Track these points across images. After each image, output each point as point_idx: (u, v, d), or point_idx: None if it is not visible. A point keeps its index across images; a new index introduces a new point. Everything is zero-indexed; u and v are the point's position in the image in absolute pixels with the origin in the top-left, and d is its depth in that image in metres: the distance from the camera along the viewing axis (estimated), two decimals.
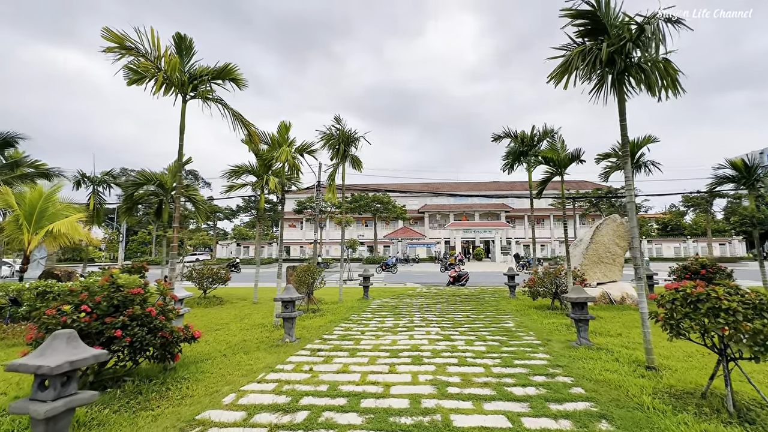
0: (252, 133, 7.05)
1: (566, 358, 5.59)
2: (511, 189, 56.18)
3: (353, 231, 52.48)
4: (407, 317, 9.24)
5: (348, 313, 9.95)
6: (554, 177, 8.68)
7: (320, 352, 6.07)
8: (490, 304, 11.42)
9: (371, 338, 7.05)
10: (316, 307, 10.56)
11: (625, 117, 5.56)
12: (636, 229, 5.43)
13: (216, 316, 9.84)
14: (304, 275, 10.33)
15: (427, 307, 10.79)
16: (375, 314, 9.74)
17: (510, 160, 13.06)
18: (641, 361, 5.37)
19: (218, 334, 7.73)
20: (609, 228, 11.75)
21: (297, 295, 6.98)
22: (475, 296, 13.32)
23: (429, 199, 55.68)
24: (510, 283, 12.72)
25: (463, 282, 17.77)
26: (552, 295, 10.24)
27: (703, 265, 11.53)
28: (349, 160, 13.29)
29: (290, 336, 6.84)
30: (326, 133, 12.51)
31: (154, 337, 4.45)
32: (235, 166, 12.12)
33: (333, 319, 9.11)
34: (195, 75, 6.04)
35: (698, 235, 48.04)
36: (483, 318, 9.03)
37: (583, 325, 6.41)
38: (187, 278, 12.47)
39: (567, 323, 8.13)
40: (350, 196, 40.22)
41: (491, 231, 47.09)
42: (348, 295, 13.85)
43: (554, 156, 8.12)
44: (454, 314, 9.62)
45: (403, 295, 13.95)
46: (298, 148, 9.53)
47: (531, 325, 8.13)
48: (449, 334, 7.32)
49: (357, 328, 8.06)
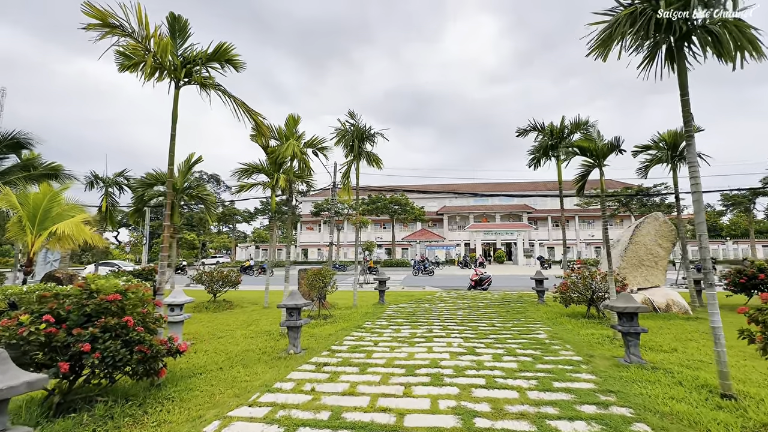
0: (259, 123, 6.44)
1: (617, 380, 4.66)
2: (534, 189, 54.31)
3: (371, 233, 51.90)
4: (425, 325, 8.43)
5: (361, 320, 9.22)
6: (592, 171, 7.71)
7: (326, 367, 5.35)
8: (516, 310, 10.46)
9: (385, 350, 6.29)
10: (328, 313, 9.89)
11: (687, 90, 4.61)
12: (704, 226, 4.46)
13: (223, 322, 9.30)
14: (314, 279, 9.68)
15: (448, 314, 9.93)
16: (390, 321, 8.98)
17: (538, 154, 12.06)
18: (712, 387, 4.40)
19: (221, 342, 7.15)
20: (650, 227, 10.58)
21: (303, 301, 6.30)
22: (499, 302, 12.34)
23: (448, 200, 54.49)
24: (538, 287, 11.69)
25: (485, 286, 16.76)
26: (587, 302, 9.20)
27: (761, 268, 10.22)
28: (365, 157, 12.61)
29: (295, 347, 6.16)
30: (339, 129, 11.88)
31: (130, 352, 3.84)
32: (245, 164, 11.65)
33: (345, 326, 8.40)
34: (189, 59, 5.49)
35: (737, 236, 44.98)
36: (510, 327, 8.12)
37: (633, 340, 5.45)
38: (197, 281, 12.07)
39: (608, 335, 7.13)
40: (367, 198, 39.66)
41: (513, 233, 45.49)
42: (363, 299, 13.14)
43: (591, 146, 7.16)
44: (477, 322, 8.73)
45: (421, 300, 13.12)
46: (307, 143, 8.91)
47: (566, 336, 7.17)
48: (473, 346, 6.47)
49: (370, 337, 7.32)
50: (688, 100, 4.60)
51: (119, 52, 5.57)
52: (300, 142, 8.51)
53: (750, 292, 10.47)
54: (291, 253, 52.85)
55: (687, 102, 4.60)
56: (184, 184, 12.92)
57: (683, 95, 4.61)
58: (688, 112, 4.58)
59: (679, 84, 4.67)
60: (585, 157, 7.46)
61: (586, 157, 7.47)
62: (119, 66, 5.73)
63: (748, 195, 35.29)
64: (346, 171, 12.34)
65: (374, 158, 12.68)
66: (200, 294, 13.16)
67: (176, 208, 12.88)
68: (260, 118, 6.41)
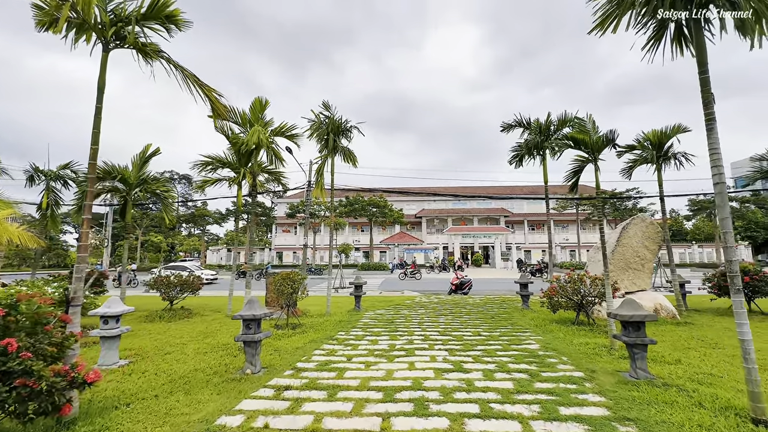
0: (213, 100, 5.45)
1: (631, 403, 3.98)
2: (511, 193, 54.87)
3: (348, 236, 50.81)
4: (405, 335, 7.61)
5: (334, 329, 8.30)
6: (586, 166, 7.16)
7: (288, 392, 4.43)
8: (501, 317, 9.82)
9: (359, 367, 5.41)
10: (297, 322, 8.91)
11: (706, 68, 4.03)
12: (729, 222, 3.87)
13: (176, 334, 8.16)
14: (282, 284, 8.69)
15: (429, 322, 9.16)
16: (367, 331, 8.10)
17: (522, 152, 11.54)
18: (738, 409, 3.78)
19: (167, 359, 6.07)
20: (637, 229, 10.22)
21: (263, 311, 5.34)
22: (481, 307, 11.71)
23: (427, 204, 54.18)
24: (523, 292, 11.13)
25: (465, 290, 16.15)
26: (576, 308, 8.66)
27: (746, 271, 10.02)
28: (341, 153, 11.73)
29: (253, 366, 5.19)
30: (313, 121, 10.95)
31: (9, 388, 2.81)
32: (207, 156, 10.51)
33: (315, 337, 7.46)
34: (120, 17, 4.49)
35: (700, 240, 46.79)
36: (498, 336, 7.42)
37: (639, 352, 4.82)
38: (150, 287, 10.78)
39: (604, 344, 6.55)
40: (345, 199, 38.65)
41: (491, 236, 45.58)
42: (338, 305, 12.19)
43: (586, 138, 6.60)
44: (461, 331, 8.00)
45: (400, 305, 12.31)
46: (275, 130, 7.94)
47: (560, 346, 6.53)
48: (460, 360, 5.70)
49: (343, 351, 6.42)
50: (708, 78, 4.02)
51: (34, 4, 4.50)
52: (267, 129, 7.54)
53: None
54: (266, 256, 51.00)
55: (707, 80, 4.01)
56: (139, 178, 11.59)
57: (703, 73, 4.03)
58: (708, 92, 4.00)
59: (698, 62, 4.08)
60: (579, 150, 6.89)
61: (580, 151, 6.91)
62: (37, 23, 4.65)
63: (713, 200, 36.65)
64: (319, 167, 11.41)
65: (350, 155, 11.83)
66: (154, 301, 11.86)
67: (129, 205, 11.52)
68: (215, 95, 5.43)
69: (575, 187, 7.57)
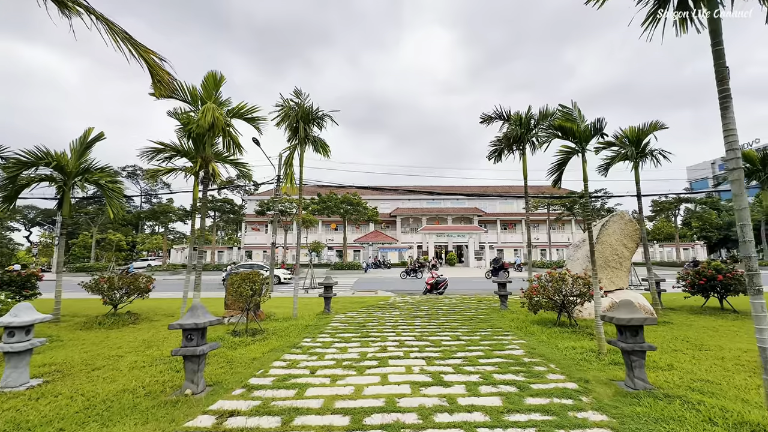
0: (152, 64, 4.49)
1: (636, 422, 3.45)
2: (484, 192, 55.46)
3: (321, 235, 49.63)
4: (378, 341, 6.90)
5: (300, 335, 7.47)
6: (572, 157, 6.72)
7: (232, 420, 3.61)
8: (479, 318, 9.30)
9: (324, 382, 4.65)
10: (258, 327, 8.00)
11: (720, 38, 3.56)
12: (747, 213, 3.40)
13: (113, 343, 7.06)
14: (242, 285, 7.76)
15: (404, 325, 8.49)
16: (335, 336, 7.32)
17: (501, 146, 11.10)
18: (754, 424, 3.32)
19: (91, 377, 5.06)
20: (616, 226, 10.00)
21: (207, 319, 4.47)
22: (458, 307, 11.19)
23: (401, 202, 53.82)
24: (501, 292, 10.68)
25: (441, 290, 15.68)
26: (558, 308, 8.26)
27: (718, 269, 10.02)
28: (311, 143, 10.86)
29: (194, 384, 4.31)
30: (281, 105, 10.03)
31: None
32: (159, 143, 9.36)
33: (277, 345, 6.61)
34: None
35: (660, 240, 49.04)
36: (479, 341, 6.85)
37: (637, 359, 4.34)
38: (90, 289, 9.50)
39: (591, 347, 6.10)
40: (317, 197, 37.50)
41: (465, 235, 45.75)
42: (306, 308, 11.33)
43: (574, 127, 6.14)
44: (439, 335, 7.38)
45: (373, 307, 11.60)
46: (233, 110, 7.00)
47: (545, 351, 6.02)
48: (440, 371, 5.05)
49: (307, 361, 5.62)
50: (723, 51, 3.55)
51: None
52: (223, 108, 6.61)
53: (708, 294, 10.27)
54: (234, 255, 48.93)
55: (721, 53, 3.54)
56: (79, 167, 10.24)
57: (716, 44, 3.55)
58: (723, 66, 3.52)
59: (710, 31, 3.61)
60: (565, 140, 6.43)
61: (566, 141, 6.44)
62: None
63: (674, 202, 38.40)
64: (288, 157, 10.49)
65: (322, 145, 10.98)
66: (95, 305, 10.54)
67: (67, 196, 10.15)
68: (155, 58, 4.50)
69: (559, 180, 7.12)
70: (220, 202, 41.87)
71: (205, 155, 6.48)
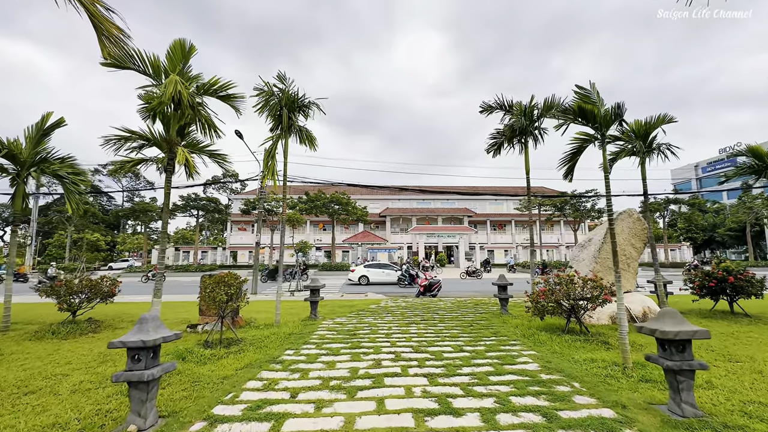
0: (96, 15, 3.59)
1: None
2: (476, 191, 55.12)
3: (309, 234, 48.51)
4: (371, 353, 6.06)
5: (281, 346, 6.58)
6: (588, 146, 6.02)
7: None
8: (480, 324, 8.55)
9: (306, 411, 3.79)
10: (234, 337, 7.07)
11: None
12: None
13: (62, 357, 6.06)
14: (215, 290, 6.83)
15: (399, 333, 7.67)
16: (322, 348, 6.46)
17: (501, 139, 10.39)
18: None
19: (18, 405, 4.09)
20: (624, 225, 9.39)
21: (159, 334, 3.57)
22: (455, 311, 10.43)
23: (391, 203, 53.08)
24: (501, 295, 9.96)
25: (434, 292, 14.92)
26: (567, 314, 7.56)
27: (729, 270, 9.49)
28: (296, 133, 9.97)
29: (141, 418, 3.40)
30: (263, 89, 9.11)
31: None
32: (125, 130, 8.31)
33: (254, 360, 5.71)
34: None
35: None
36: (484, 352, 6.07)
37: (685, 380, 3.61)
38: (44, 293, 8.41)
39: (613, 359, 5.39)
40: (305, 196, 36.42)
41: (455, 235, 45.21)
42: (291, 313, 10.42)
43: (595, 110, 5.43)
44: (439, 345, 6.58)
45: (363, 311, 10.75)
46: (203, 87, 6.07)
47: (562, 365, 5.28)
48: (446, 393, 4.24)
49: (287, 381, 4.75)
50: None
51: None
52: (193, 84, 5.69)
53: (717, 297, 9.73)
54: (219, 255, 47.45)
55: None
56: (35, 156, 9.13)
57: None
58: None
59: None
60: (584, 125, 5.71)
61: (584, 127, 5.73)
62: None
63: (663, 202, 38.57)
64: (270, 148, 9.57)
65: (308, 136, 10.09)
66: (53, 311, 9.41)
67: (20, 189, 9.02)
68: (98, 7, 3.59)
69: (571, 173, 6.41)
70: (204, 200, 40.34)
71: (170, 138, 5.55)
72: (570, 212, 38.40)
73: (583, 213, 37.62)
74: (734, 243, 49.04)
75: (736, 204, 46.72)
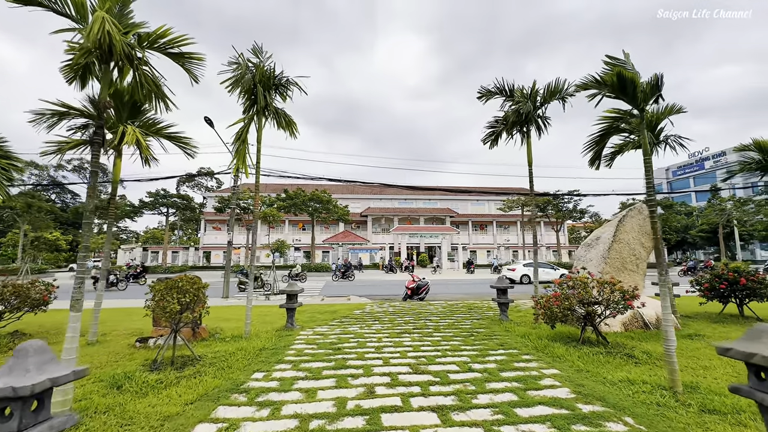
0: None
1: None
2: (456, 193, 54.73)
3: (288, 234, 46.80)
4: (361, 374, 4.93)
5: (249, 366, 5.34)
6: (621, 124, 5.12)
7: None
8: (481, 333, 7.56)
9: None
10: (191, 354, 5.78)
11: None
12: None
13: None
14: (165, 297, 5.51)
15: (391, 346, 6.56)
16: (299, 368, 5.26)
17: (499, 128, 9.46)
18: None
19: None
20: (634, 222, 8.64)
21: (44, 376, 2.31)
22: (448, 316, 9.42)
23: (373, 202, 51.98)
24: (501, 299, 9.01)
25: (422, 295, 13.91)
26: (581, 321, 6.66)
27: (740, 272, 8.89)
28: (273, 115, 8.72)
29: None
30: (234, 62, 7.84)
31: None
32: (59, 104, 6.84)
33: (211, 388, 4.46)
34: None
35: None
36: (497, 371, 5.04)
37: None
38: None
39: (652, 380, 4.47)
40: (284, 193, 34.79)
41: (438, 236, 44.54)
42: (265, 321, 9.14)
43: (636, 79, 4.52)
44: (442, 362, 5.51)
45: (347, 318, 9.58)
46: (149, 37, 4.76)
47: (599, 389, 4.30)
48: None
49: (252, 421, 3.55)
50: None
51: None
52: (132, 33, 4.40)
53: (726, 300, 9.14)
54: (191, 256, 45.05)
55: None
56: None
57: None
58: None
59: None
60: (619, 98, 4.79)
61: (620, 100, 4.81)
62: None
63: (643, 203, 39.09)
64: (241, 131, 8.29)
65: (286, 119, 8.87)
66: None
67: None
68: None
69: (598, 159, 5.50)
70: (175, 197, 37.93)
71: (100, 102, 4.24)
72: (552, 213, 38.36)
73: (564, 213, 37.65)
74: (705, 244, 50.65)
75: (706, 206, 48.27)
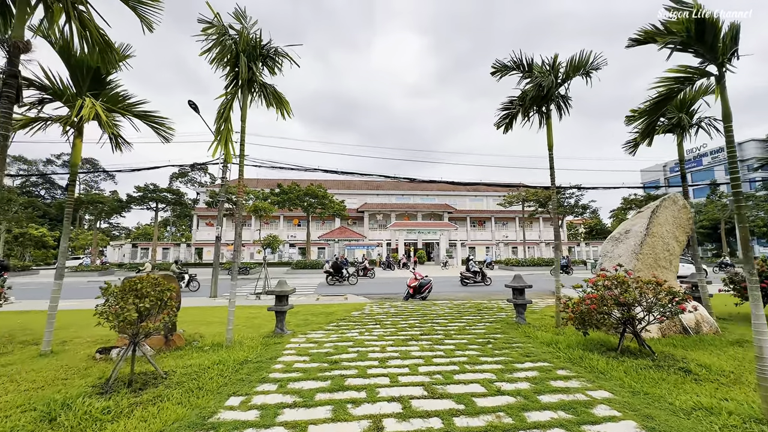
0: None
1: None
2: (455, 189, 53.82)
3: (282, 230, 45.65)
4: (364, 400, 3.93)
5: (225, 387, 4.31)
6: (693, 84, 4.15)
7: None
8: (499, 339, 6.58)
9: None
10: (155, 371, 4.74)
11: None
12: None
13: None
14: (120, 302, 4.46)
15: (398, 358, 5.56)
16: (286, 389, 4.25)
17: (514, 110, 8.46)
18: None
19: None
20: (668, 214, 7.68)
21: None
22: (457, 319, 8.46)
23: (370, 198, 50.95)
24: (518, 299, 8.05)
25: (425, 294, 12.95)
26: (621, 327, 5.70)
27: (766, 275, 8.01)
28: (260, 90, 7.65)
29: None
30: (214, 25, 6.75)
31: None
32: None
33: (171, 420, 3.43)
34: None
35: None
36: (533, 393, 4.06)
37: None
38: None
39: (745, 411, 3.51)
40: (278, 188, 33.60)
41: (436, 232, 43.61)
42: (251, 325, 8.11)
43: (717, 25, 3.53)
44: (462, 380, 4.53)
45: (344, 321, 8.57)
46: None
47: (672, 423, 3.33)
48: None
49: None
50: None
51: None
52: None
53: (765, 300, 8.25)
54: (182, 252, 43.78)
55: None
56: None
57: None
58: None
59: None
60: (693, 49, 3.79)
61: (693, 54, 3.82)
62: None
63: (643, 199, 38.47)
64: (223, 108, 7.21)
65: (275, 95, 7.80)
66: None
67: None
68: None
69: (653, 132, 4.51)
70: (164, 191, 36.61)
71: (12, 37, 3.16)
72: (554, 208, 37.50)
73: (566, 209, 36.83)
74: (705, 240, 50.17)
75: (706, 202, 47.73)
